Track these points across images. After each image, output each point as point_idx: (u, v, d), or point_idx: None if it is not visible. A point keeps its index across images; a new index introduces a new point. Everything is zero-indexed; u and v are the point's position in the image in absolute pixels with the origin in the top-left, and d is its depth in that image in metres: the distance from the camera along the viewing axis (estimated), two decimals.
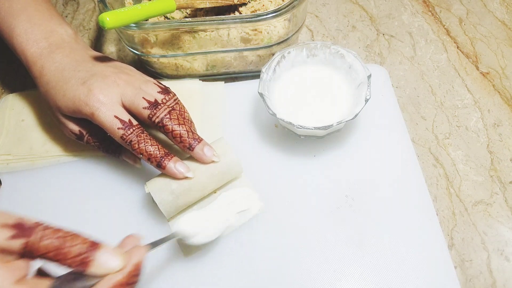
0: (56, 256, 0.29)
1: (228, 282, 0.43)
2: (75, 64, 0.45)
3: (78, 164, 0.51)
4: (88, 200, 0.48)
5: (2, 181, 0.50)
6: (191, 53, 0.53)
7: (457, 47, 0.61)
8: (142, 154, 0.42)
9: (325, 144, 0.51)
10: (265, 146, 0.51)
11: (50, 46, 0.46)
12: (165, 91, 0.45)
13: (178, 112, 0.44)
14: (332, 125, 0.46)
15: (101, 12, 0.47)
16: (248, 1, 0.54)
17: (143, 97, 0.43)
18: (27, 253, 0.28)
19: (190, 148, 0.43)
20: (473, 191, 0.49)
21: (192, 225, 0.41)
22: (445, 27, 0.63)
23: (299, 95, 0.51)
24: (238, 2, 0.53)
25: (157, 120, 0.42)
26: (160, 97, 0.44)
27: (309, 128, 0.46)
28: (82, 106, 0.42)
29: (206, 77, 0.57)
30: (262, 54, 0.55)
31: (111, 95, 0.42)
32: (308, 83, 0.51)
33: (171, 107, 0.44)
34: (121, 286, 0.30)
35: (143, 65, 0.59)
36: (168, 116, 0.43)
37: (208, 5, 0.52)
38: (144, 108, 0.42)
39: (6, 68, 0.62)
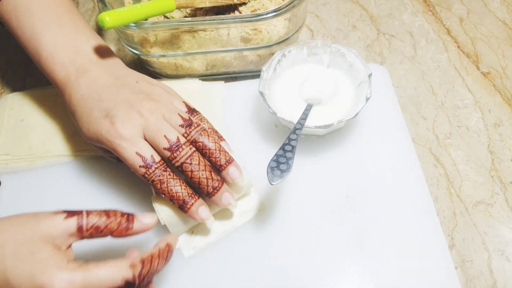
0: (104, 224, 0.35)
1: (228, 282, 0.43)
2: (100, 90, 0.42)
3: (77, 164, 0.51)
4: (88, 200, 0.48)
5: (2, 181, 0.50)
6: (191, 53, 0.52)
7: (458, 46, 0.61)
8: (164, 194, 0.40)
9: (326, 144, 0.51)
10: (265, 146, 0.51)
11: (77, 71, 0.44)
12: (188, 122, 0.42)
13: (202, 148, 0.42)
14: (332, 124, 0.46)
15: (100, 12, 0.47)
16: (248, 1, 0.54)
17: (164, 136, 0.40)
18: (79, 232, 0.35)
19: (208, 195, 0.41)
20: (474, 191, 0.49)
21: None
22: (445, 26, 0.63)
23: (299, 94, 0.51)
24: (238, 2, 0.53)
25: (177, 164, 0.40)
26: (181, 131, 0.41)
27: (309, 127, 0.46)
28: (104, 141, 0.41)
29: (206, 77, 0.57)
30: (262, 54, 0.55)
31: (134, 129, 0.40)
32: (308, 82, 0.51)
33: (193, 140, 0.42)
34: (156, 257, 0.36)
35: (142, 65, 0.59)
36: (189, 160, 0.40)
37: (208, 5, 0.51)
38: (165, 149, 0.40)
39: (6, 68, 0.61)
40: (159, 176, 0.40)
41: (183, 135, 0.41)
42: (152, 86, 0.44)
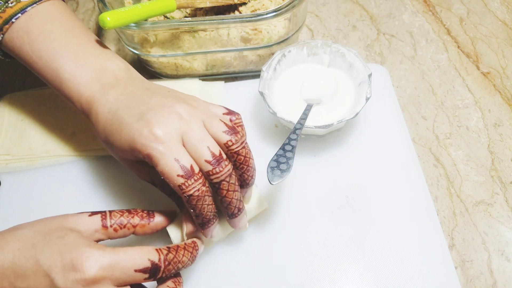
0: (127, 218, 0.38)
1: (228, 282, 0.43)
2: (130, 100, 0.39)
3: (78, 164, 0.51)
4: (88, 201, 0.48)
5: (2, 181, 0.50)
6: (191, 53, 0.52)
7: (458, 46, 0.61)
8: (194, 210, 0.36)
9: (326, 144, 0.51)
10: (265, 146, 0.51)
11: (103, 87, 0.40)
12: (233, 130, 0.38)
13: (242, 162, 0.38)
14: (332, 124, 0.46)
15: (100, 12, 0.47)
16: (248, 1, 0.54)
17: (208, 147, 0.36)
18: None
19: (230, 216, 0.39)
20: (474, 191, 0.49)
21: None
22: (445, 26, 0.63)
23: (299, 94, 0.51)
24: (238, 2, 0.53)
25: (216, 181, 0.36)
26: (226, 139, 0.37)
27: (309, 127, 0.46)
28: (138, 147, 0.36)
29: (206, 77, 0.57)
30: (262, 54, 0.55)
31: (171, 131, 0.36)
32: (308, 82, 0.51)
33: (237, 151, 0.38)
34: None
35: (142, 65, 0.59)
36: (228, 178, 0.37)
37: (208, 5, 0.51)
38: (207, 161, 0.36)
39: (6, 68, 0.61)
40: (198, 190, 0.35)
41: (227, 144, 0.37)
42: (186, 95, 0.41)
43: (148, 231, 0.39)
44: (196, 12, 0.54)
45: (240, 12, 0.53)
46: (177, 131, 0.36)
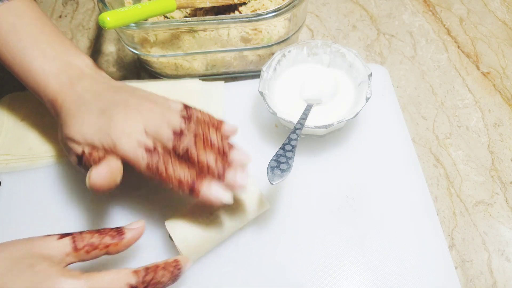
0: (98, 239, 0.36)
1: (227, 282, 0.43)
2: (97, 96, 0.42)
3: None
4: (87, 201, 0.48)
5: (1, 181, 0.50)
6: (191, 53, 0.52)
7: (458, 46, 0.61)
8: (172, 182, 0.38)
9: (326, 144, 0.51)
10: (265, 146, 0.51)
11: (70, 79, 0.43)
12: (189, 118, 0.41)
13: (203, 139, 0.40)
14: (332, 124, 0.46)
15: (100, 12, 0.47)
16: (248, 1, 0.54)
17: (167, 127, 0.39)
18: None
19: (221, 177, 0.38)
20: (474, 191, 0.49)
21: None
22: (445, 26, 0.63)
23: (299, 94, 0.51)
24: (238, 2, 0.53)
25: (182, 152, 0.39)
26: (183, 126, 0.40)
27: (309, 127, 0.46)
28: (103, 137, 0.39)
29: (206, 77, 0.57)
30: (262, 54, 0.55)
31: (134, 125, 0.39)
32: (308, 82, 0.51)
33: (194, 131, 0.40)
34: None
35: (142, 65, 0.59)
36: (193, 144, 0.39)
37: (208, 5, 0.51)
38: (169, 139, 0.39)
39: (5, 68, 0.61)
40: (164, 163, 0.38)
41: (182, 126, 0.40)
42: (148, 93, 0.44)
43: (122, 248, 0.37)
44: (196, 12, 0.54)
45: (240, 12, 0.53)
46: (139, 123, 0.39)
